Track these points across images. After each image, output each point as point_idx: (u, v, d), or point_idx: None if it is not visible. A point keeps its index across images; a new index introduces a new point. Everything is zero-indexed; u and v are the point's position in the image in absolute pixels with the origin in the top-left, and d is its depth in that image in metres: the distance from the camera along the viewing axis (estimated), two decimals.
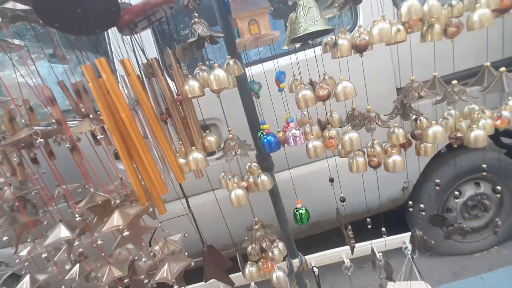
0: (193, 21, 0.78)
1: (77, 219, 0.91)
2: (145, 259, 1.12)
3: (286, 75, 0.96)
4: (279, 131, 0.95)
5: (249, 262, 1.06)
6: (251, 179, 0.96)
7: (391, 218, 1.90)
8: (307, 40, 0.88)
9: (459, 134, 0.88)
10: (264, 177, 0.93)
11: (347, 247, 1.16)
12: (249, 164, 1.01)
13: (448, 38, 0.82)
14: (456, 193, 1.16)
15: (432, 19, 0.77)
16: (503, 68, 0.81)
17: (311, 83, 0.95)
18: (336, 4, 0.80)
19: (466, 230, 1.05)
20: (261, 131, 0.97)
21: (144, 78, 0.87)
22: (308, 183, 1.74)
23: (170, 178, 0.95)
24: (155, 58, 0.86)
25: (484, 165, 1.03)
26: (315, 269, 1.19)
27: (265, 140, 0.88)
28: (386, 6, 1.46)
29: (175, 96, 0.86)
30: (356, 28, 0.85)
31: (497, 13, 0.78)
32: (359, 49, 0.79)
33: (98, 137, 0.79)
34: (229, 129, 0.93)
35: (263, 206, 1.27)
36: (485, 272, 1.90)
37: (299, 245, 1.31)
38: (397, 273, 1.31)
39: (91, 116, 0.92)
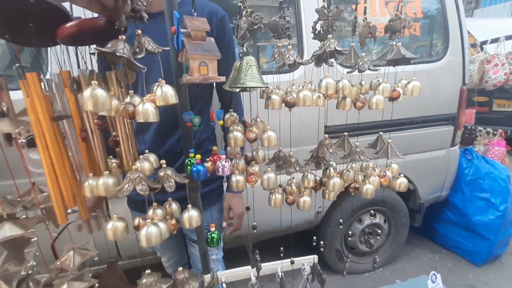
0: (137, 34, 0.75)
1: None
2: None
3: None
4: (207, 161, 1.02)
5: None
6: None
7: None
8: (247, 89, 0.99)
9: (356, 185, 1.08)
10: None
11: None
12: None
13: (356, 109, 1.02)
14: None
15: (345, 93, 0.96)
16: (389, 140, 1.04)
17: (244, 123, 1.05)
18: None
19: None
20: (189, 159, 1.03)
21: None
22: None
23: None
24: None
25: None
26: (224, 285, 1.28)
27: (194, 169, 0.95)
28: None
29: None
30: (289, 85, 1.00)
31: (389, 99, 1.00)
32: (289, 105, 0.92)
33: (20, 141, 0.77)
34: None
35: None
36: None
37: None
38: None
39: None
